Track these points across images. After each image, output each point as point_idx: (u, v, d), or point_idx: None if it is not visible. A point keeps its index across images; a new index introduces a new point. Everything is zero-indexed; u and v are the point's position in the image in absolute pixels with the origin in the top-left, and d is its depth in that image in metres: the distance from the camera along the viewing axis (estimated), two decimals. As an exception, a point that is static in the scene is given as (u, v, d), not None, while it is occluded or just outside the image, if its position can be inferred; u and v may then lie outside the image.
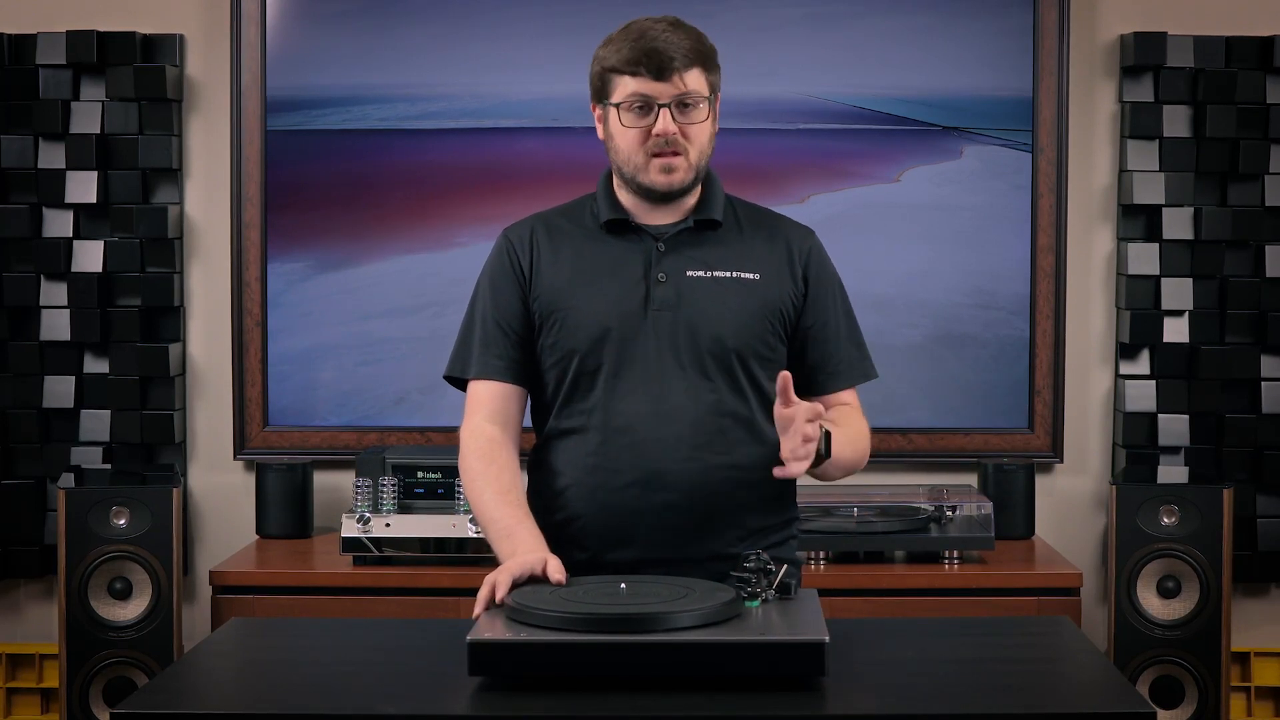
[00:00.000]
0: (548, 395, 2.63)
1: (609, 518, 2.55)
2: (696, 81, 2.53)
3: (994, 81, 4.17)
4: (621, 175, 2.59)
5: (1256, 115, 4.13)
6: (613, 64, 2.55)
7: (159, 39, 4.19)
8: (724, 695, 2.10)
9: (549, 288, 2.59)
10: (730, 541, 2.56)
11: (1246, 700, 4.22)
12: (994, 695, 2.16)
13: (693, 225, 2.60)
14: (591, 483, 2.56)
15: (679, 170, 2.54)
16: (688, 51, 2.52)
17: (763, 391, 2.59)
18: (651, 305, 2.55)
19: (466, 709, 2.08)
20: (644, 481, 2.53)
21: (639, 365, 2.55)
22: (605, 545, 2.56)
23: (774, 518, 2.63)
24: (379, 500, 3.79)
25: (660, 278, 2.57)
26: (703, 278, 2.57)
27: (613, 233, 2.61)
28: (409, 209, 4.21)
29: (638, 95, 2.52)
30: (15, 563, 4.21)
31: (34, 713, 4.27)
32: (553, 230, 2.64)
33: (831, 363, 2.66)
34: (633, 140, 2.54)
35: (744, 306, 2.57)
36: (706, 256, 2.59)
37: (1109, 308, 4.24)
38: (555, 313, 2.58)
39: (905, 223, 4.19)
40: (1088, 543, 4.25)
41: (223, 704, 2.22)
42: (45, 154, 4.18)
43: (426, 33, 4.19)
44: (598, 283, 2.57)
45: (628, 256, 2.59)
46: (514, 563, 2.39)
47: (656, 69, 2.50)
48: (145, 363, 4.17)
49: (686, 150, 2.54)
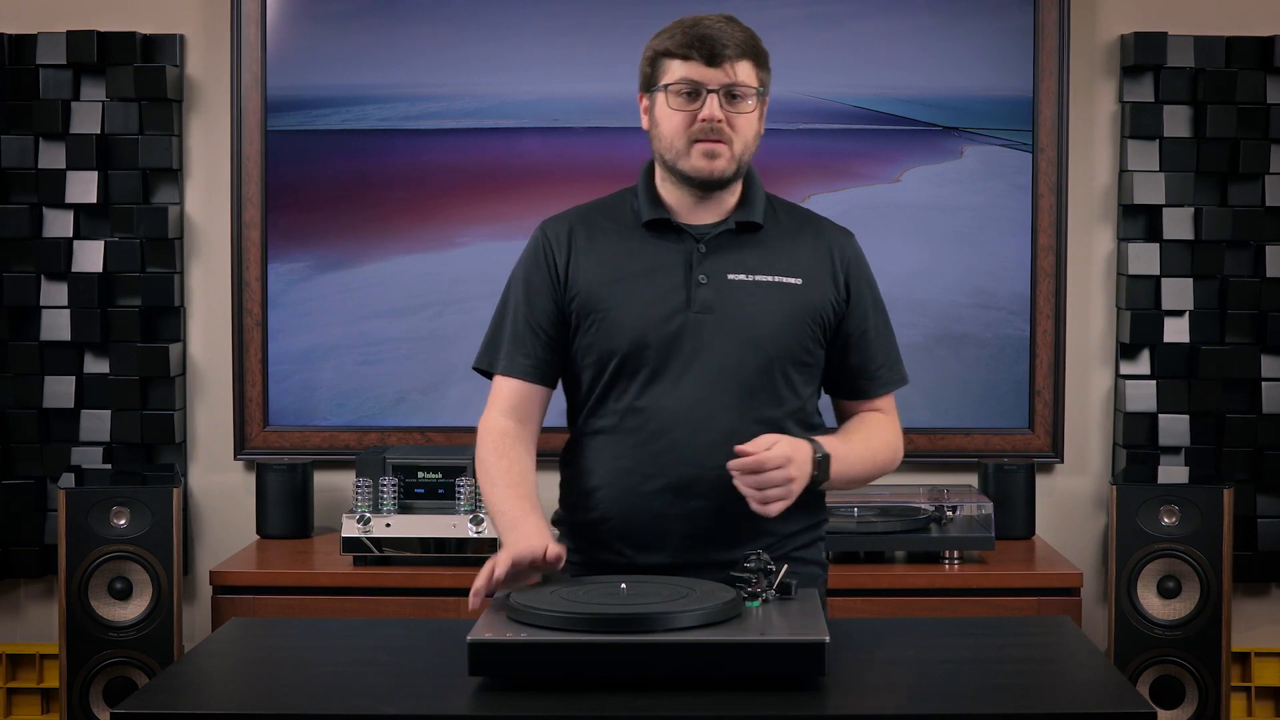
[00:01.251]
0: (581, 394, 2.61)
1: (638, 521, 2.54)
2: (747, 74, 2.53)
3: (994, 81, 4.17)
4: (664, 163, 2.57)
5: (1256, 115, 4.13)
6: (665, 48, 2.54)
7: (159, 39, 4.19)
8: (724, 695, 2.10)
9: (586, 287, 2.57)
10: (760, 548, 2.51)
11: (1247, 700, 4.22)
12: (994, 695, 2.16)
13: (734, 227, 2.58)
14: (622, 485, 2.55)
15: (722, 158, 2.52)
16: (741, 43, 2.52)
17: (799, 397, 2.58)
18: (692, 307, 2.53)
19: (466, 709, 2.08)
20: (675, 487, 2.52)
21: (675, 368, 2.52)
22: (634, 548, 2.55)
23: (803, 522, 2.61)
24: (379, 500, 3.79)
25: (701, 280, 2.55)
26: (744, 281, 2.55)
27: (653, 232, 2.59)
28: (409, 209, 4.21)
29: (687, 80, 2.51)
30: (15, 563, 4.22)
31: (34, 713, 4.27)
32: (592, 228, 2.62)
33: (871, 367, 2.65)
34: (678, 124, 2.52)
35: (784, 311, 2.55)
36: (748, 259, 2.57)
37: (1109, 308, 4.24)
38: (593, 313, 2.56)
39: (905, 223, 4.19)
40: (1088, 543, 4.25)
41: (223, 704, 2.22)
42: (45, 154, 4.18)
43: (426, 33, 4.19)
44: (637, 283, 2.55)
45: (668, 257, 2.57)
46: (516, 546, 2.39)
47: (708, 55, 2.50)
48: (145, 363, 4.17)
49: (731, 140, 2.52)
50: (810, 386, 2.62)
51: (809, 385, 2.61)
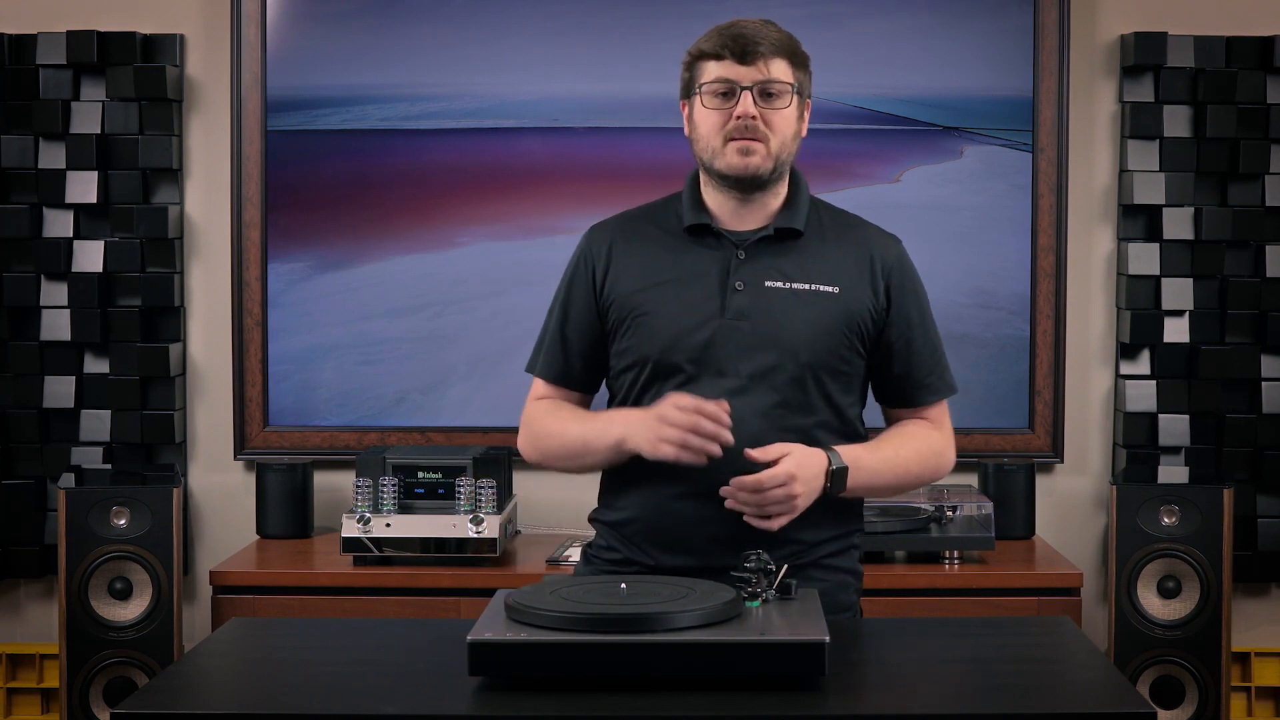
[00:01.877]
0: (619, 396, 2.63)
1: (666, 525, 2.55)
2: (781, 71, 2.53)
3: (994, 81, 4.17)
4: (703, 165, 2.58)
5: (1256, 115, 4.13)
6: (700, 51, 2.55)
7: (159, 39, 4.19)
8: (724, 695, 2.10)
9: (624, 292, 2.59)
10: (787, 556, 2.50)
11: (1247, 700, 4.22)
12: (994, 695, 2.16)
13: (773, 233, 2.58)
14: (651, 488, 2.55)
15: (757, 154, 2.52)
16: (774, 40, 2.53)
17: (834, 406, 2.57)
18: (727, 314, 2.54)
19: (466, 709, 2.08)
20: (702, 492, 2.51)
21: (710, 374, 2.53)
22: (660, 550, 2.56)
23: (833, 530, 2.60)
24: (379, 500, 3.79)
25: (738, 286, 2.55)
26: (781, 289, 2.55)
27: (694, 238, 2.60)
28: (409, 209, 4.21)
29: (721, 79, 2.52)
30: (15, 563, 4.21)
31: (34, 713, 4.27)
32: (633, 234, 2.64)
33: (918, 375, 2.64)
34: (713, 123, 2.53)
35: (820, 320, 2.54)
36: (786, 266, 2.57)
37: (1109, 308, 4.24)
38: (629, 317, 2.57)
39: (905, 223, 4.14)
40: (1088, 543, 4.25)
41: (223, 704, 2.22)
42: (45, 154, 4.18)
43: (426, 33, 4.19)
44: (675, 288, 2.56)
45: (707, 263, 2.57)
46: (649, 411, 2.47)
47: (741, 53, 2.50)
48: (145, 363, 4.17)
49: (767, 138, 2.52)
50: (850, 396, 2.60)
51: (847, 395, 2.59)
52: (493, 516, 3.77)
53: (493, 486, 3.78)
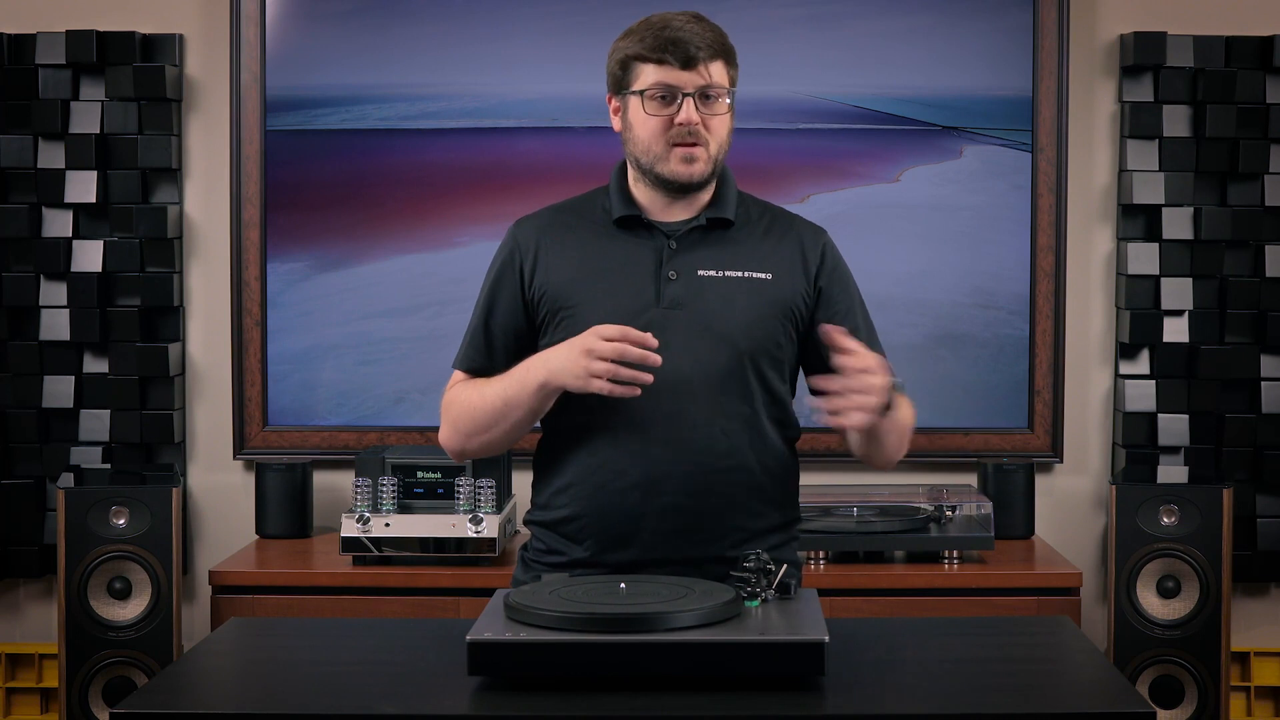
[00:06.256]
0: None
1: (609, 519, 2.54)
2: (720, 74, 2.53)
3: (994, 81, 4.17)
4: (639, 166, 2.57)
5: (1256, 115, 4.13)
6: (636, 52, 2.53)
7: (159, 39, 4.19)
8: (724, 695, 2.10)
9: (555, 285, 2.58)
10: (732, 544, 2.55)
11: (1246, 700, 4.22)
12: (994, 695, 2.16)
13: (705, 223, 2.59)
14: (593, 483, 2.55)
15: (699, 161, 2.52)
16: (712, 43, 2.52)
17: (771, 392, 2.58)
18: (661, 303, 2.54)
19: (466, 709, 2.08)
20: (646, 484, 2.52)
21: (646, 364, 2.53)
22: (605, 546, 2.56)
23: (776, 519, 2.61)
24: (379, 500, 3.79)
25: (671, 276, 2.55)
26: (714, 277, 2.56)
27: (624, 229, 2.60)
28: (409, 209, 4.21)
29: (662, 84, 2.51)
30: (15, 563, 4.21)
31: (34, 713, 4.27)
32: (561, 226, 2.63)
33: None
34: (654, 129, 2.52)
35: (755, 307, 2.55)
36: (718, 255, 2.57)
37: (1109, 308, 4.24)
38: (561, 310, 2.57)
39: (905, 223, 4.19)
40: (1088, 543, 4.25)
41: (223, 704, 2.22)
42: (45, 154, 4.17)
43: (426, 33, 4.19)
44: (607, 280, 2.56)
45: (638, 254, 2.57)
46: (571, 341, 2.43)
47: (683, 58, 2.49)
48: (145, 363, 4.17)
49: (707, 142, 2.52)
50: (785, 384, 2.60)
51: (783, 382, 2.60)
52: (492, 516, 3.77)
53: (492, 486, 3.78)
